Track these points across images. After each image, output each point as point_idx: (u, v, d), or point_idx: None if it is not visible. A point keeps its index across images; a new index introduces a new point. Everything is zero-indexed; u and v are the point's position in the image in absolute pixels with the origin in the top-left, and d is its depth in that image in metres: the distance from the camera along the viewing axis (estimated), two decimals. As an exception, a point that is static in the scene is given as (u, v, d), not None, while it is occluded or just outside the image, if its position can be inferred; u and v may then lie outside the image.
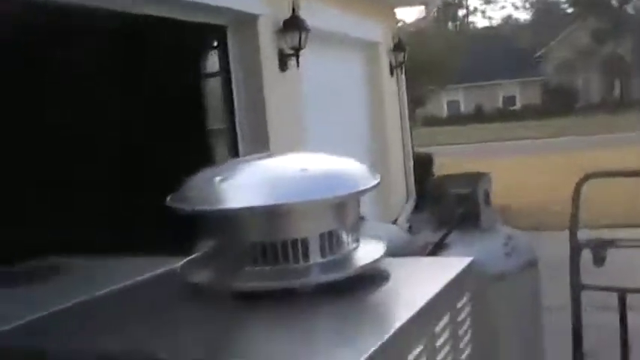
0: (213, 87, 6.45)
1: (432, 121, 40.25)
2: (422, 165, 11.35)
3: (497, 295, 1.94)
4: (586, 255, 3.01)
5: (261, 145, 5.98)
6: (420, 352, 1.38)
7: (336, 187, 1.57)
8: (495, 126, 38.27)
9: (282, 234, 1.55)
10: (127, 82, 6.42)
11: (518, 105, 50.91)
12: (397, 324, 1.35)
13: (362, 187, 1.60)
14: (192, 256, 1.74)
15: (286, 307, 1.51)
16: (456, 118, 46.34)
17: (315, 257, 1.55)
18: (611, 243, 3.12)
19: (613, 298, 3.08)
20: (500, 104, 51.40)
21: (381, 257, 1.64)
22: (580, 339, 2.91)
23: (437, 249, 2.25)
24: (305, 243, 1.54)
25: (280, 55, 6.49)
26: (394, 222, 8.38)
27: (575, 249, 3.03)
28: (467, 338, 1.65)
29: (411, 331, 1.38)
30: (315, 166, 1.64)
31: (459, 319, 1.61)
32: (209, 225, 1.65)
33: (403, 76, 10.63)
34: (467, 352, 1.64)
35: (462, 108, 52.06)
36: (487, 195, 2.48)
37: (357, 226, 1.66)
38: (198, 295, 1.63)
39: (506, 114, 47.07)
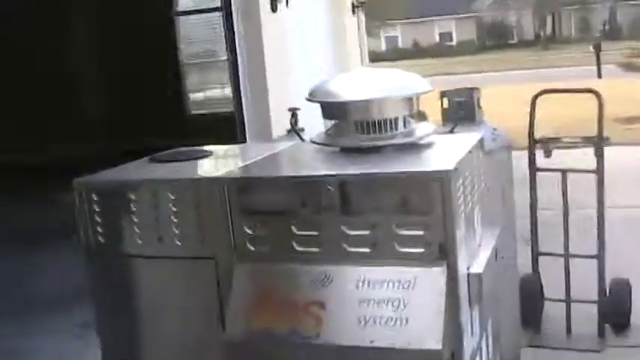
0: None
1: (373, 57, 41.32)
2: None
3: (488, 163, 3.06)
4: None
5: (259, 74, 7.05)
6: (466, 178, 2.54)
7: (411, 88, 2.72)
8: (434, 61, 39.59)
9: (379, 115, 2.68)
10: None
11: (454, 41, 52.35)
12: (462, 152, 2.49)
13: (425, 89, 2.74)
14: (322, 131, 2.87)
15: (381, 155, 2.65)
16: (394, 53, 47.54)
17: (400, 129, 2.70)
18: (557, 140, 4.36)
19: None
20: (436, 40, 52.80)
21: (433, 131, 2.79)
22: (535, 204, 4.18)
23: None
24: (395, 120, 2.68)
25: (271, -3, 7.52)
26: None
27: (531, 144, 4.27)
28: (483, 178, 2.83)
29: (464, 163, 2.51)
30: (396, 76, 2.78)
31: (479, 166, 2.78)
32: (331, 111, 2.77)
33: (363, 16, 11.72)
34: (482, 186, 2.82)
35: (400, 43, 53.28)
36: (478, 101, 3.67)
37: (417, 114, 2.80)
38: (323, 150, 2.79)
39: (443, 49, 48.48)
